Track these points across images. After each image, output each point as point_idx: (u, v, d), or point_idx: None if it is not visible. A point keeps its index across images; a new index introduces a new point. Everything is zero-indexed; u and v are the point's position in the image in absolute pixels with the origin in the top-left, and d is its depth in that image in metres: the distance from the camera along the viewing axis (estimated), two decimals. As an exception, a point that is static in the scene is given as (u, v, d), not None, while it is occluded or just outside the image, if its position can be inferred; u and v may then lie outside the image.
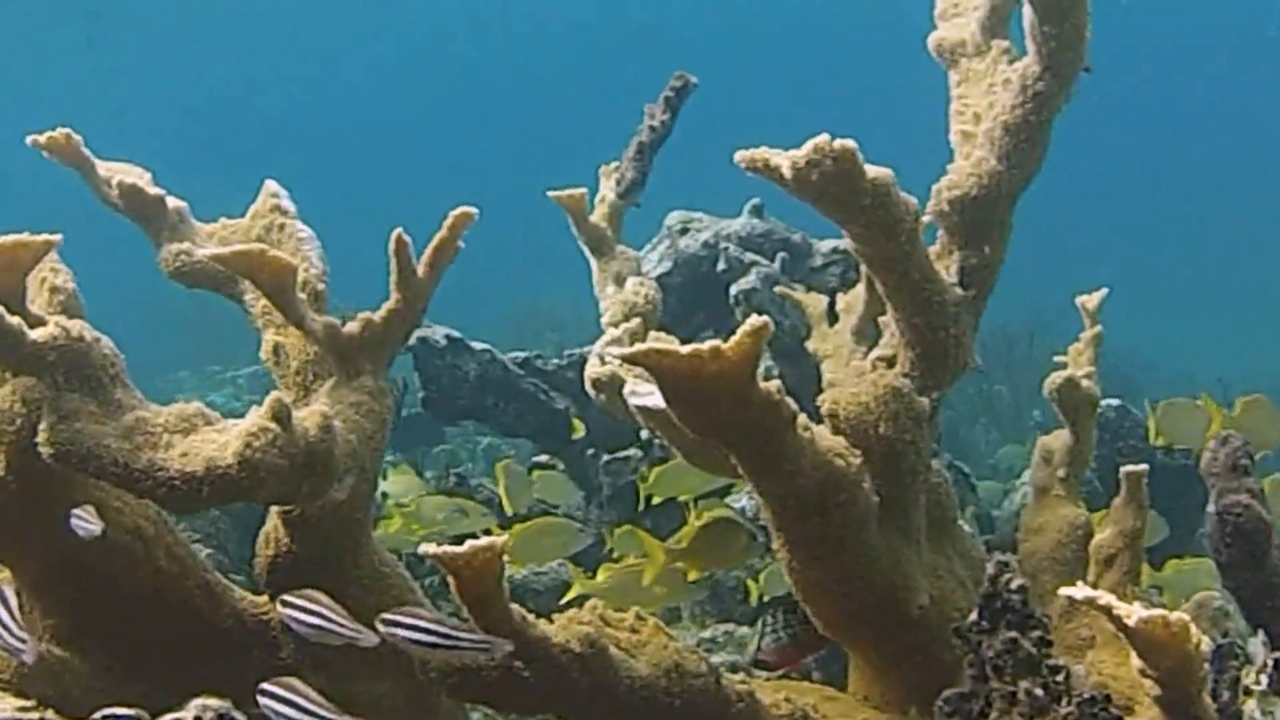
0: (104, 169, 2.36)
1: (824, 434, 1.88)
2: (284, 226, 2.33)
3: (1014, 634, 1.60)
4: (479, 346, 4.41)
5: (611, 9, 24.00)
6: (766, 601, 3.00)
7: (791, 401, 1.75)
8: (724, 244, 4.28)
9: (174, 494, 1.79)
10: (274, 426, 1.78)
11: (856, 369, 2.16)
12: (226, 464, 1.76)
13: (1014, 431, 6.89)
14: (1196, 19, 22.36)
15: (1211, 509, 2.22)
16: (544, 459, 4.28)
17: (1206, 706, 1.67)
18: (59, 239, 1.90)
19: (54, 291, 2.15)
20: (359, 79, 24.56)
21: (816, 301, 2.58)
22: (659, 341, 1.77)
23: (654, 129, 2.65)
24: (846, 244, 2.03)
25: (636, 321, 2.34)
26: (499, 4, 24.06)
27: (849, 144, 1.77)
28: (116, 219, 2.40)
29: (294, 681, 1.81)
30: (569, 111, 21.86)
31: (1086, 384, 2.34)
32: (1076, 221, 15.60)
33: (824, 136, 1.76)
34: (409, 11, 23.79)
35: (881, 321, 2.18)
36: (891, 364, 2.08)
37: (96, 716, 1.67)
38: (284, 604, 1.95)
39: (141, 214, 2.37)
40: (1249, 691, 1.91)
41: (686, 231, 4.41)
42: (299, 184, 2.42)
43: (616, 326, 2.34)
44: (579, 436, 4.10)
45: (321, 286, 2.24)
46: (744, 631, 3.30)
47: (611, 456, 3.88)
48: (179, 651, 2.13)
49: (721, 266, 4.20)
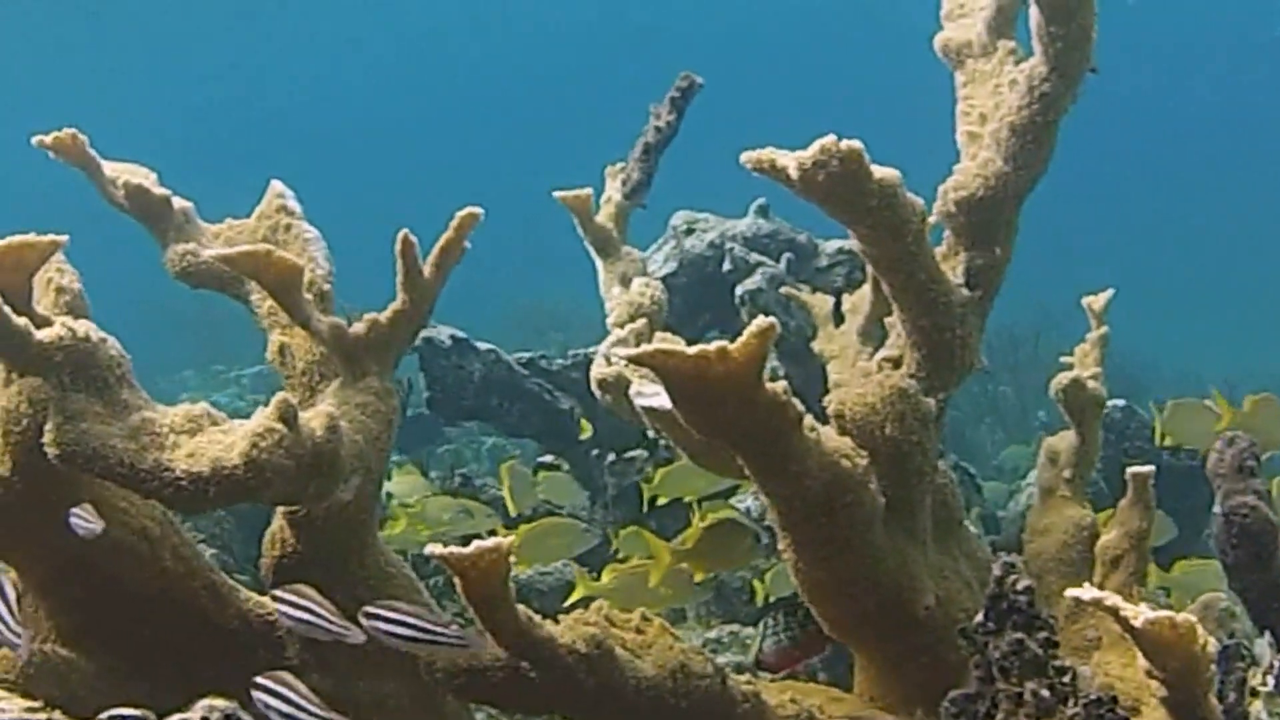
0: (110, 169, 2.36)
1: (830, 435, 1.88)
2: (290, 227, 2.33)
3: (1020, 635, 1.60)
4: (484, 347, 4.41)
5: (616, 9, 23.99)
6: (772, 602, 3.00)
7: (798, 402, 1.75)
8: (729, 244, 4.27)
9: (180, 494, 1.79)
10: (280, 427, 1.78)
11: (863, 370, 2.15)
12: (233, 464, 1.77)
13: (1019, 432, 6.88)
14: (1201, 20, 22.35)
15: (1218, 510, 2.22)
16: (549, 459, 4.27)
17: (1213, 708, 1.67)
18: (65, 240, 1.90)
19: (60, 292, 2.15)
20: (363, 79, 24.56)
21: (822, 302, 2.58)
22: (665, 342, 1.77)
23: (660, 129, 2.65)
24: (852, 244, 2.03)
25: (642, 322, 2.34)
26: (502, 4, 24.07)
27: (856, 145, 1.77)
28: (118, 219, 2.40)
29: (287, 677, 1.82)
30: (573, 111, 21.85)
31: (1092, 385, 2.33)
32: (1082, 222, 15.58)
33: (831, 137, 1.76)
34: (413, 11, 23.79)
35: (887, 322, 2.18)
36: (898, 365, 2.08)
37: (103, 717, 1.67)
38: (275, 598, 1.96)
39: (147, 214, 2.37)
40: (1255, 693, 1.91)
41: (692, 232, 4.40)
42: (304, 184, 2.41)
43: (622, 327, 2.34)
44: (586, 437, 4.09)
45: (327, 287, 2.24)
46: (749, 632, 3.29)
47: (616, 457, 3.88)
48: (184, 652, 2.13)
49: (727, 267, 4.19)
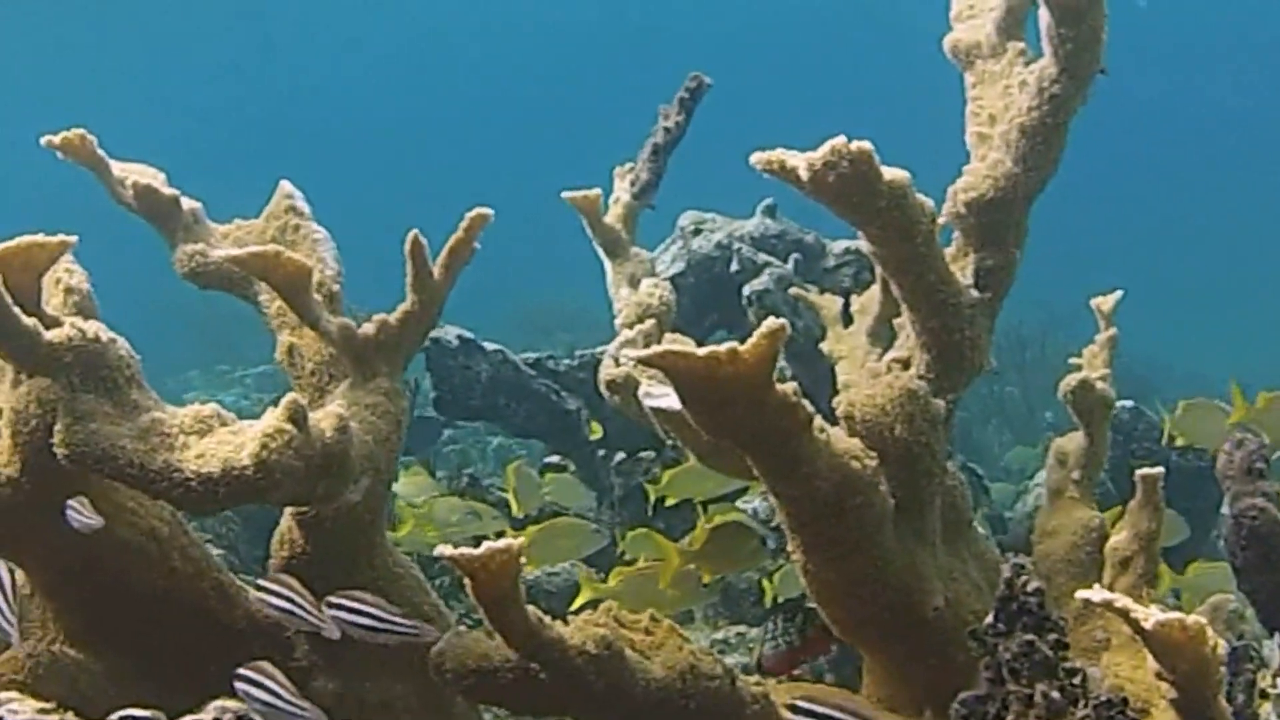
0: (118, 169, 2.37)
1: (840, 436, 1.87)
2: (299, 227, 2.33)
3: (1031, 637, 1.60)
4: (491, 347, 4.41)
5: (624, 9, 23.99)
6: (770, 607, 3.00)
7: (808, 403, 1.75)
8: (737, 245, 4.27)
9: (190, 495, 1.79)
10: (290, 428, 1.78)
11: (872, 371, 2.15)
12: (242, 465, 1.77)
13: (1026, 433, 6.88)
14: (1211, 21, 22.32)
15: (1227, 512, 2.22)
16: (555, 460, 4.27)
17: (1222, 709, 1.66)
18: (74, 240, 1.91)
19: (69, 292, 2.15)
20: (370, 80, 24.56)
21: (831, 303, 2.58)
22: (675, 343, 1.77)
23: (668, 130, 2.64)
24: (860, 245, 2.03)
25: (651, 323, 2.33)
26: (510, 4, 24.06)
27: (866, 146, 1.76)
28: (123, 218, 2.40)
29: (268, 667, 1.85)
30: (581, 112, 21.85)
31: (1101, 386, 2.32)
32: (1090, 222, 15.57)
33: (841, 138, 1.75)
34: (420, 11, 23.79)
35: (896, 323, 2.17)
36: (907, 366, 2.07)
37: (114, 717, 1.67)
38: (258, 588, 1.97)
39: (156, 214, 2.38)
40: (1265, 694, 1.91)
41: (699, 232, 4.40)
42: (312, 184, 2.42)
43: (631, 328, 2.34)
44: (597, 437, 4.09)
45: (337, 288, 2.24)
46: (756, 634, 3.29)
47: (623, 457, 3.88)
48: (192, 652, 2.13)
49: (734, 267, 4.19)
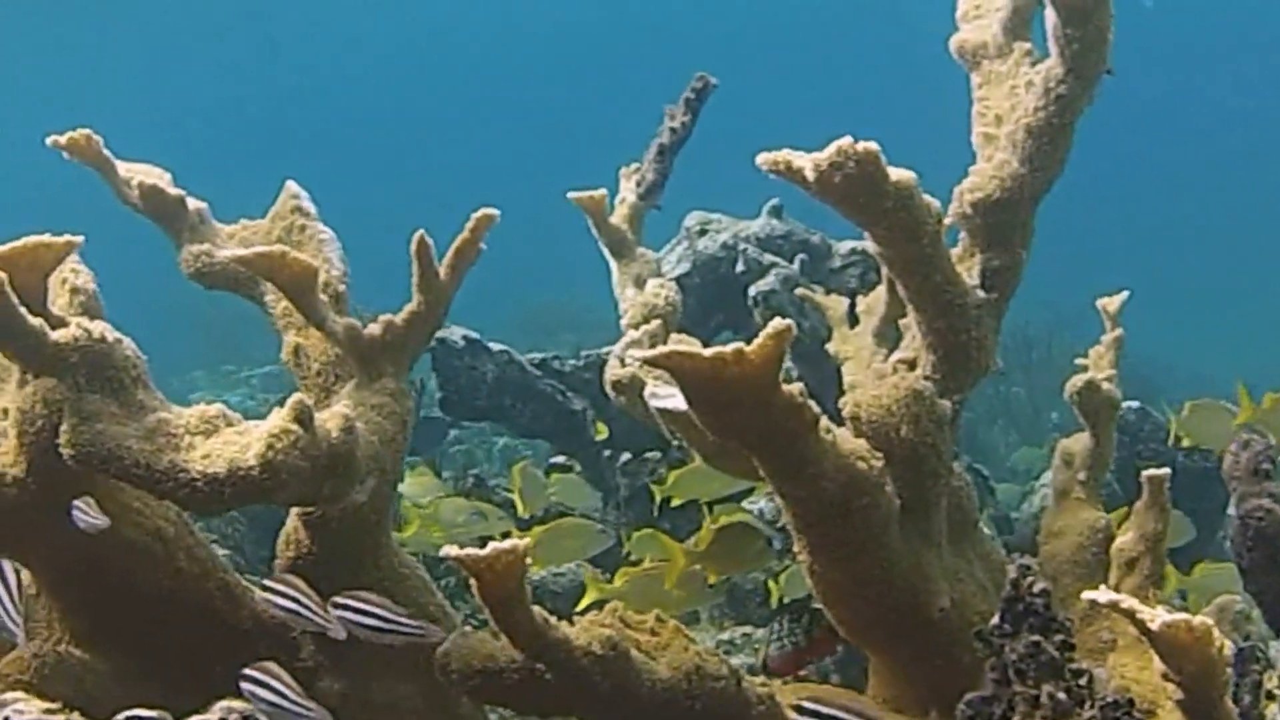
0: (124, 169, 2.37)
1: (846, 437, 1.87)
2: (305, 228, 2.33)
3: (1037, 637, 1.59)
4: (497, 347, 4.41)
5: (629, 9, 23.98)
6: (775, 608, 3.00)
7: (814, 404, 1.75)
8: (743, 245, 4.27)
9: (196, 495, 1.79)
10: (296, 428, 1.78)
11: (878, 371, 2.14)
12: (248, 465, 1.77)
13: (1032, 433, 6.87)
14: (1218, 22, 22.30)
15: (1233, 513, 2.21)
16: (561, 460, 4.27)
17: (1229, 710, 1.66)
18: (81, 240, 1.91)
19: (75, 292, 2.15)
20: (374, 80, 24.56)
21: (837, 304, 2.57)
22: (681, 344, 1.77)
23: (674, 130, 2.64)
24: (866, 245, 2.02)
25: (657, 323, 2.33)
26: (515, 3, 24.06)
27: (872, 146, 1.76)
28: (127, 218, 2.41)
29: (273, 668, 1.86)
30: (584, 111, 21.87)
31: (1107, 387, 2.32)
32: (1096, 222, 15.56)
33: (847, 139, 1.75)
34: (424, 11, 23.80)
35: (902, 324, 2.17)
36: (913, 366, 2.07)
37: (120, 717, 1.67)
38: (263, 588, 1.98)
39: (162, 215, 2.38)
40: (1271, 695, 1.91)
41: (705, 233, 4.40)
42: (316, 184, 2.42)
43: (637, 328, 2.34)
44: (603, 438, 4.08)
45: (342, 288, 2.24)
46: (762, 634, 3.29)
47: (629, 458, 3.88)
48: (198, 653, 2.13)
49: (740, 268, 4.19)
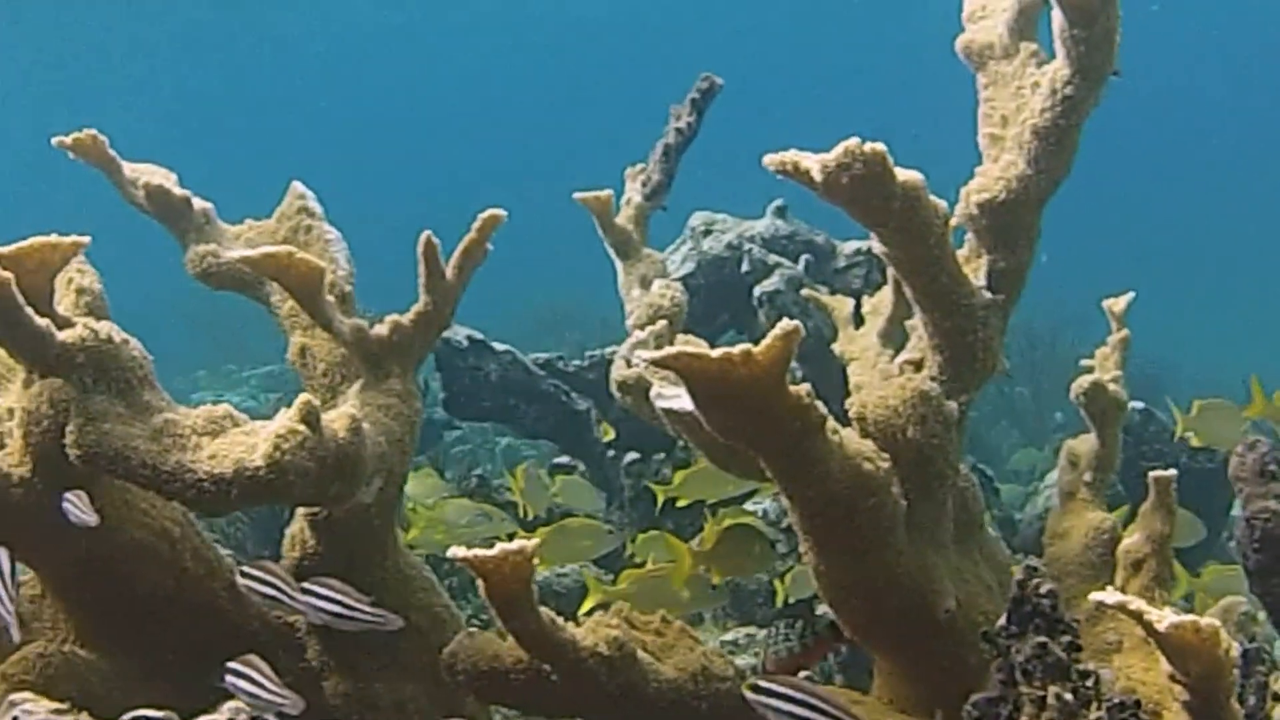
0: (129, 170, 2.37)
1: (852, 438, 1.87)
2: (311, 228, 2.33)
3: (1044, 639, 1.59)
4: (500, 348, 4.40)
5: (632, 9, 23.94)
6: (785, 607, 3.00)
7: (821, 405, 1.75)
8: (747, 245, 4.27)
9: (203, 496, 1.79)
10: (303, 429, 1.78)
11: (884, 372, 2.14)
12: (255, 466, 1.77)
13: (1036, 434, 6.87)
14: (1225, 21, 22.27)
15: (1239, 514, 2.21)
16: (564, 461, 4.27)
17: (1235, 712, 1.66)
18: (88, 241, 1.91)
19: (81, 293, 2.16)
20: (378, 81, 24.55)
21: (842, 304, 2.57)
22: (688, 345, 1.77)
23: (680, 131, 2.64)
24: (872, 245, 2.02)
25: (662, 324, 2.33)
26: (518, 3, 24.04)
27: (879, 147, 1.75)
28: (131, 218, 2.41)
29: (255, 659, 1.88)
30: (589, 112, 21.88)
31: (1114, 388, 2.32)
32: (1100, 222, 15.52)
33: (854, 140, 1.75)
34: (428, 11, 23.77)
35: (908, 325, 2.17)
36: (919, 367, 2.07)
37: (127, 717, 1.67)
38: (242, 575, 1.98)
39: (168, 215, 2.38)
40: (1277, 697, 1.90)
41: (710, 233, 4.40)
42: (318, 184, 2.42)
43: (642, 329, 2.34)
44: (609, 439, 4.08)
45: (349, 288, 2.24)
46: (767, 633, 3.29)
47: (633, 458, 3.87)
48: (204, 653, 2.13)
49: (745, 268, 4.19)
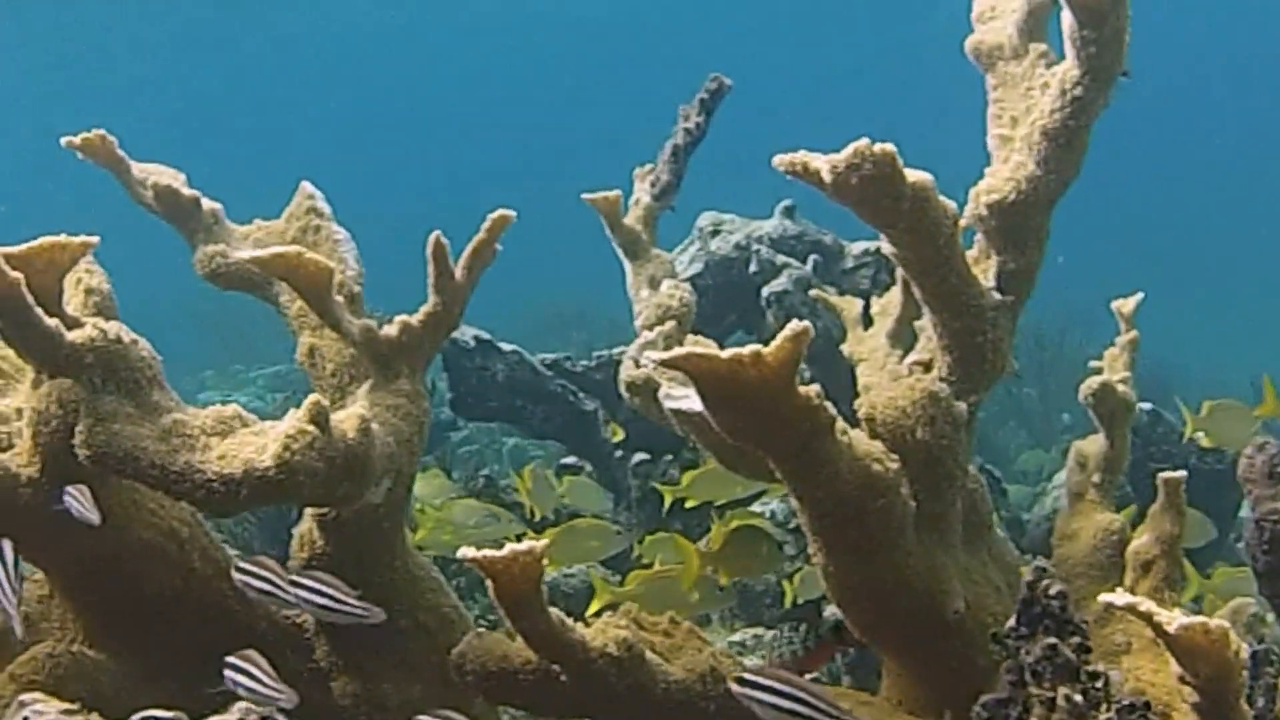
0: (138, 170, 2.37)
1: (862, 439, 1.87)
2: (320, 228, 2.33)
3: (1053, 640, 1.59)
4: (508, 348, 4.40)
5: (640, 8, 23.93)
6: (789, 610, 3.00)
7: (830, 406, 1.75)
8: (755, 246, 4.27)
9: (212, 496, 1.79)
10: (312, 429, 1.78)
11: (893, 373, 2.14)
12: (264, 466, 1.77)
13: (1044, 434, 6.86)
14: (1232, 21, 22.24)
15: (1248, 516, 2.21)
16: (572, 461, 4.27)
17: (1244, 713, 1.66)
18: (97, 241, 1.91)
19: (89, 293, 2.16)
20: (383, 81, 24.54)
21: (851, 305, 2.57)
22: (697, 345, 1.76)
23: (688, 131, 2.63)
24: (881, 246, 2.02)
25: (671, 324, 2.32)
26: (525, 2, 24.03)
27: (889, 148, 1.75)
28: (138, 218, 2.41)
29: (253, 655, 1.88)
30: (597, 112, 21.85)
31: (1122, 389, 2.32)
32: (1109, 223, 15.50)
33: (864, 140, 1.74)
34: (432, 11, 23.77)
35: (917, 326, 2.17)
36: (928, 368, 2.06)
37: (136, 718, 1.67)
38: (237, 570, 1.98)
39: (176, 215, 2.38)
40: (1287, 699, 1.90)
41: (718, 233, 4.40)
42: (323, 184, 2.42)
43: (651, 330, 2.33)
44: (618, 440, 4.08)
45: (358, 288, 2.24)
46: (773, 635, 3.29)
47: (641, 459, 3.87)
48: (212, 653, 2.13)
49: (753, 268, 4.19)
